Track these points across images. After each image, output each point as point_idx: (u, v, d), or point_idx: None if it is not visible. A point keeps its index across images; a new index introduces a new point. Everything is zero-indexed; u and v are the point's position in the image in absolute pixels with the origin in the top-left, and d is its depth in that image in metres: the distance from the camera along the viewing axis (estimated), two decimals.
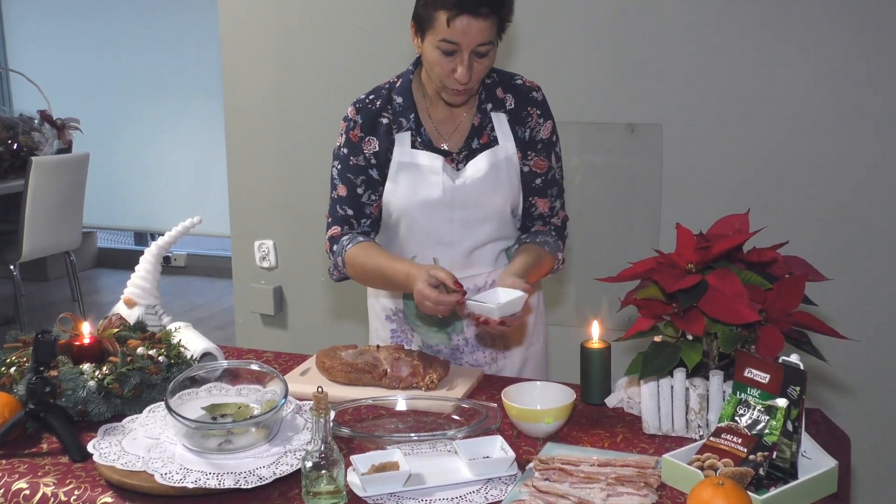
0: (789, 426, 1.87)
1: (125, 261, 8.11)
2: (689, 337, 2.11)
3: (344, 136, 2.64)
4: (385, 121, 2.61)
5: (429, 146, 2.60)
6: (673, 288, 2.06)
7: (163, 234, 2.80)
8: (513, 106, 2.62)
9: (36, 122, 7.10)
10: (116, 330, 2.49)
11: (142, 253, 2.79)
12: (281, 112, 4.53)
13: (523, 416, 2.18)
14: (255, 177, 4.65)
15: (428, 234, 2.64)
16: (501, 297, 2.34)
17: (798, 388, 1.89)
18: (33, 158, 6.11)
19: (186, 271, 8.17)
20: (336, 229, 2.66)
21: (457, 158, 2.61)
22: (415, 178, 2.59)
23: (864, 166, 3.61)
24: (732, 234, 2.17)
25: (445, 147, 2.61)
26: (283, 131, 4.56)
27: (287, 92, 4.51)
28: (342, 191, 2.65)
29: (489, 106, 2.61)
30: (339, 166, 2.65)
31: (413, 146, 2.60)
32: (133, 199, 8.22)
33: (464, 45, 2.39)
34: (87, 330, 2.41)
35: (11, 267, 6.25)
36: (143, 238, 8.66)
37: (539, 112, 2.63)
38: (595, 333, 2.42)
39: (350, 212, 2.65)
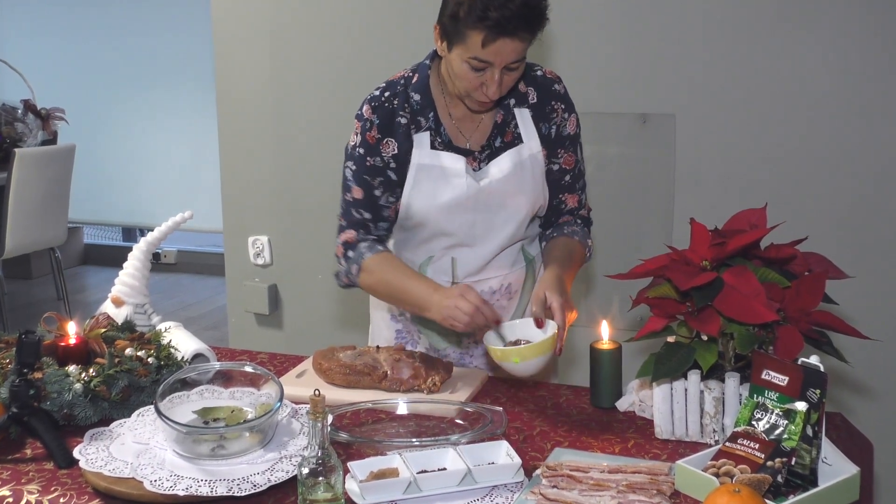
0: (809, 431, 1.87)
1: (113, 257, 7.97)
2: (704, 337, 2.11)
3: (359, 135, 2.56)
4: (403, 120, 2.55)
5: (449, 146, 2.57)
6: (687, 286, 2.06)
7: (152, 230, 2.80)
8: (535, 100, 2.59)
9: (19, 111, 7.10)
10: (104, 330, 2.49)
11: (130, 249, 2.79)
12: (276, 101, 4.54)
13: (494, 354, 2.30)
14: (249, 169, 4.66)
15: (449, 236, 2.63)
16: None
17: (818, 391, 1.89)
18: (16, 150, 6.09)
19: (177, 268, 8.15)
20: (351, 234, 2.60)
21: (479, 157, 2.58)
22: (437, 181, 2.56)
23: (886, 159, 3.61)
24: (749, 230, 2.16)
25: (467, 146, 2.58)
26: (279, 122, 4.56)
27: (283, 80, 4.52)
28: (357, 193, 2.58)
29: (512, 101, 2.57)
30: (354, 167, 2.58)
31: (433, 146, 2.56)
32: (121, 193, 8.22)
33: (497, 64, 2.34)
34: (72, 330, 2.40)
35: None
36: (131, 234, 8.64)
37: (563, 106, 2.61)
38: (605, 334, 2.42)
39: (367, 215, 2.59)
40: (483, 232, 2.62)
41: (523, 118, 2.58)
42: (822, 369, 1.92)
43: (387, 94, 2.57)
